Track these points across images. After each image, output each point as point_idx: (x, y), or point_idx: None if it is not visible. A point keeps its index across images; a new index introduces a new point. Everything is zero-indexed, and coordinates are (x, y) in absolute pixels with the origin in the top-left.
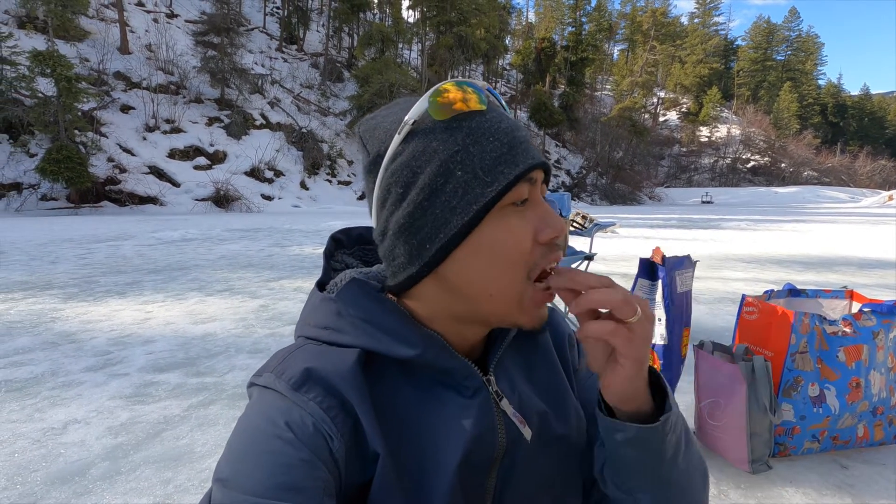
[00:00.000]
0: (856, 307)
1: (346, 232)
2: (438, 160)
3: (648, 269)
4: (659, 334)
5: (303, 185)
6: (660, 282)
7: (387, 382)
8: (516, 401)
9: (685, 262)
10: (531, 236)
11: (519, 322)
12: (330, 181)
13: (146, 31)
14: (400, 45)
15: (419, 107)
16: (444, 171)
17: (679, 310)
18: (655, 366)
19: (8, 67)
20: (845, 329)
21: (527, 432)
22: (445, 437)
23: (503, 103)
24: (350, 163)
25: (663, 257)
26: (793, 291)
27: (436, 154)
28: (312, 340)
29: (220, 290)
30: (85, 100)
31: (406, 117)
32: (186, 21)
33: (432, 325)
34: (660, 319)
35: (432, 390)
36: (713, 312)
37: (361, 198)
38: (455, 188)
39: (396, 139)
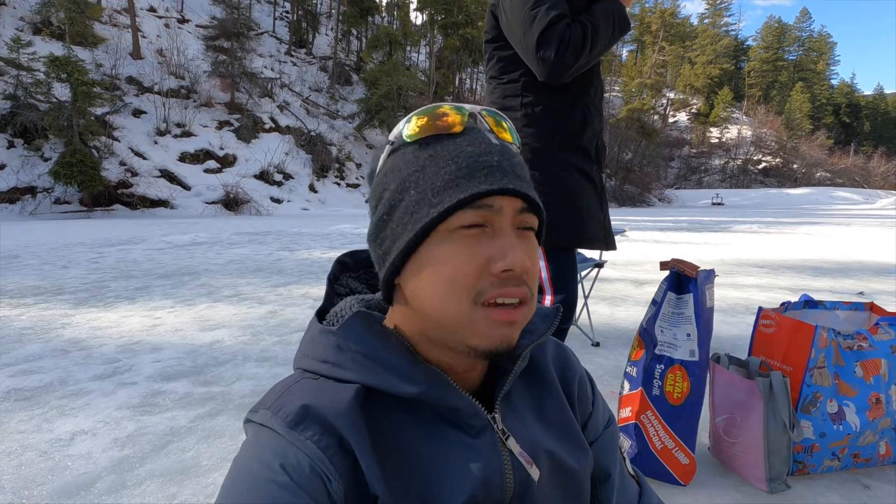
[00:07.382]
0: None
1: (353, 255)
2: (399, 178)
3: (676, 281)
4: (689, 350)
5: (311, 188)
6: (691, 296)
7: (388, 420)
8: (524, 439)
9: (711, 276)
10: (478, 263)
11: (470, 343)
12: (338, 184)
13: (157, 36)
14: (408, 48)
15: (398, 127)
16: (401, 189)
17: (707, 325)
18: (684, 384)
19: (24, 73)
20: (861, 343)
21: (534, 472)
22: (450, 479)
23: (509, 127)
24: (358, 166)
25: (698, 271)
26: (809, 303)
27: (399, 173)
28: (310, 374)
29: (229, 295)
30: (101, 104)
31: (389, 136)
32: (197, 26)
33: (431, 355)
34: (689, 335)
35: (436, 428)
36: (726, 321)
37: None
38: (407, 206)
39: (383, 156)
